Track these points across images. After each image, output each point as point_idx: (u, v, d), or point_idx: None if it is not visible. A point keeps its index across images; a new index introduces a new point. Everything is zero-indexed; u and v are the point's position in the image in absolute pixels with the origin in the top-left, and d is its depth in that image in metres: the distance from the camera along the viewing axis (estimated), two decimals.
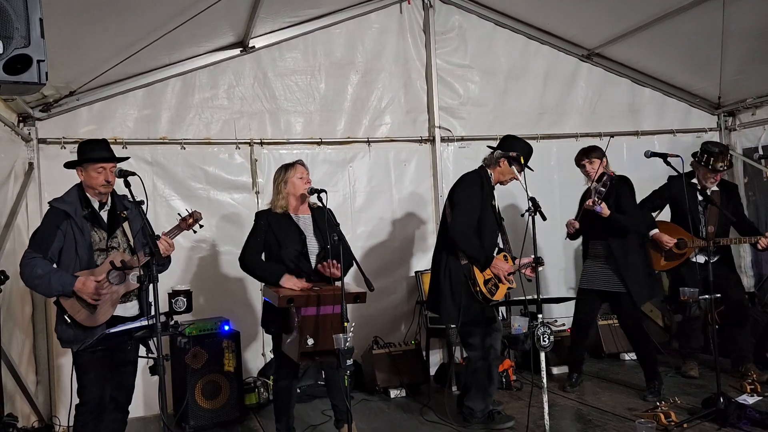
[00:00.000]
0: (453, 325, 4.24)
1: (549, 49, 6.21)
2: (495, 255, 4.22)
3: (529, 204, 3.76)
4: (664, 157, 4.23)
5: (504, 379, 5.10)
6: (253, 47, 5.36)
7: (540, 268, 3.81)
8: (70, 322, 3.28)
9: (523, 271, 4.13)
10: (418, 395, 5.14)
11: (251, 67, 5.44)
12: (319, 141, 5.61)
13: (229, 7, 4.51)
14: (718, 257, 4.95)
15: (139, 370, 3.63)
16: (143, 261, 3.30)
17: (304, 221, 3.93)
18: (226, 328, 4.74)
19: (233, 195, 5.39)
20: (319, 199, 3.67)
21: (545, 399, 3.63)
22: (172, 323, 3.17)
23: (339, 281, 3.49)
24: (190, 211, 3.60)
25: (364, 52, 5.77)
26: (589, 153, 4.80)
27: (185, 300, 4.27)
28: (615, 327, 5.86)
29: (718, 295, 4.22)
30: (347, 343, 3.10)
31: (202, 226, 3.65)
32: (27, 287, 4.01)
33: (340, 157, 5.70)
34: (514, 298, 4.47)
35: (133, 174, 3.22)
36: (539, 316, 3.61)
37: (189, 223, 3.56)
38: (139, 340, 3.36)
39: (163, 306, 3.18)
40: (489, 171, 4.27)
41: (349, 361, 3.11)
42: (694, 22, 5.20)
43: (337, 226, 3.67)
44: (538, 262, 3.80)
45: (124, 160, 3.54)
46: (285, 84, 5.55)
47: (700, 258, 4.95)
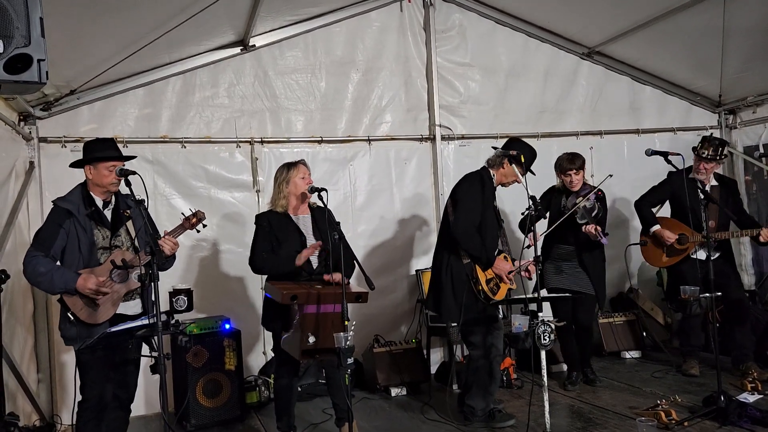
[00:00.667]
0: (454, 324, 4.25)
1: (549, 47, 6.21)
2: (495, 256, 4.21)
3: (530, 203, 3.77)
4: (664, 155, 4.23)
5: (505, 378, 5.10)
6: (254, 46, 5.36)
7: (540, 268, 3.82)
8: (73, 319, 3.29)
9: (523, 273, 4.13)
10: (419, 394, 5.15)
11: (252, 65, 5.44)
12: (320, 139, 5.61)
13: (230, 6, 4.51)
14: (718, 254, 4.94)
15: (140, 369, 3.63)
16: (145, 260, 3.30)
17: (303, 221, 3.93)
18: (227, 326, 4.74)
19: (234, 194, 5.39)
20: (320, 198, 3.67)
21: (546, 397, 3.64)
22: (173, 322, 3.18)
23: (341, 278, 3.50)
24: (194, 211, 3.59)
25: (364, 50, 5.76)
26: (577, 162, 4.83)
27: (186, 299, 4.28)
28: (616, 325, 5.88)
29: (719, 293, 4.22)
30: (348, 342, 3.10)
31: (205, 226, 3.64)
32: (29, 285, 4.05)
33: (340, 155, 5.70)
34: (515, 297, 4.47)
35: (134, 173, 3.27)
36: (539, 315, 3.62)
37: (192, 223, 3.56)
38: (140, 339, 3.37)
39: (164, 305, 3.19)
40: (492, 172, 4.26)
41: (349, 360, 3.11)
42: (694, 20, 5.20)
43: (338, 225, 3.66)
44: (538, 262, 3.81)
45: (133, 158, 3.59)
46: (285, 82, 5.55)
47: (701, 254, 4.94)
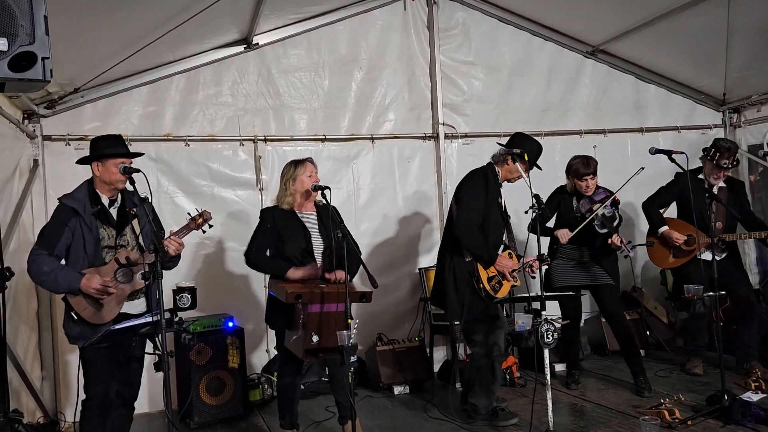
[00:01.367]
0: (457, 322, 4.25)
1: (553, 46, 6.20)
2: (500, 252, 4.21)
3: (533, 201, 3.76)
4: (668, 154, 4.21)
5: (507, 376, 5.10)
6: (257, 44, 5.36)
7: (545, 266, 3.81)
8: (77, 318, 3.27)
9: (527, 270, 4.13)
10: (422, 392, 5.15)
11: (255, 63, 5.45)
12: (323, 138, 5.61)
13: (233, 4, 4.52)
14: (726, 254, 4.93)
15: (144, 367, 3.63)
16: (150, 259, 3.26)
17: (309, 219, 3.93)
18: (231, 324, 4.76)
19: (237, 192, 5.40)
20: (323, 196, 3.66)
21: (549, 396, 3.64)
22: (177, 320, 3.18)
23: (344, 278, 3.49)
24: (200, 211, 3.56)
25: (367, 48, 5.76)
26: (592, 165, 4.76)
27: (190, 296, 4.26)
28: None
29: (723, 292, 4.20)
30: (351, 340, 3.10)
31: (211, 226, 3.62)
32: (33, 283, 4.05)
33: (344, 153, 5.70)
34: (518, 295, 4.47)
35: (138, 171, 3.26)
36: (543, 313, 3.62)
37: (198, 223, 3.54)
38: (144, 336, 3.38)
39: (167, 302, 3.18)
40: (497, 168, 4.25)
41: (353, 358, 3.11)
42: (699, 19, 5.18)
43: (341, 223, 3.66)
44: (542, 260, 3.80)
45: (141, 155, 3.59)
46: (289, 81, 5.55)
47: (707, 255, 4.92)
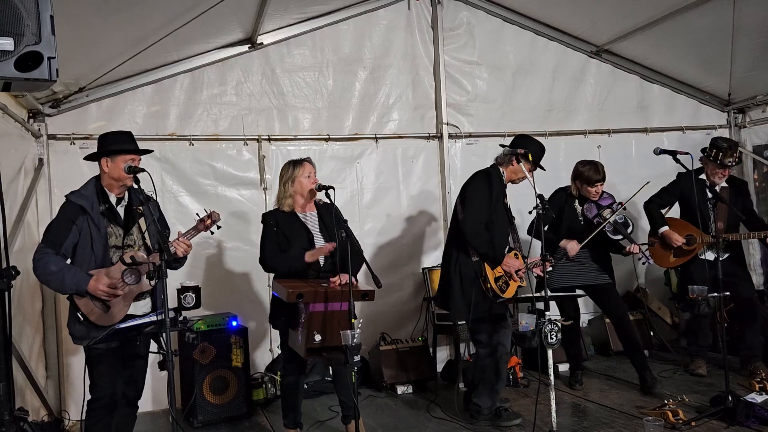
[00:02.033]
0: (462, 322, 4.24)
1: (557, 46, 6.19)
2: (506, 253, 4.21)
3: (537, 201, 3.76)
4: (673, 154, 4.20)
5: (511, 377, 5.10)
6: (261, 44, 5.37)
7: (553, 264, 3.81)
8: (83, 319, 3.22)
9: (533, 270, 4.13)
10: (425, 392, 5.15)
11: (259, 63, 5.45)
12: (327, 137, 5.62)
13: (238, 4, 4.52)
14: (728, 254, 4.92)
15: (148, 365, 3.62)
16: (155, 259, 3.23)
17: (310, 219, 3.92)
18: (234, 323, 4.76)
19: (241, 191, 5.41)
20: (327, 196, 3.66)
21: (552, 396, 3.63)
22: (181, 319, 3.18)
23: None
24: (209, 212, 3.53)
25: (372, 48, 5.76)
26: (601, 171, 4.74)
27: (194, 296, 4.27)
28: None
29: (727, 293, 4.20)
30: (355, 340, 3.10)
31: (219, 227, 3.60)
32: (38, 283, 4.05)
33: (347, 153, 5.70)
34: (522, 296, 4.46)
35: (143, 170, 3.25)
36: (546, 314, 3.62)
37: (207, 225, 3.51)
38: (148, 335, 3.37)
39: (171, 302, 3.18)
40: (501, 169, 4.24)
41: (356, 358, 3.11)
42: (704, 19, 5.17)
43: (344, 222, 3.65)
44: (546, 260, 3.80)
45: (150, 152, 3.59)
46: (293, 80, 5.55)
47: (710, 255, 4.92)
